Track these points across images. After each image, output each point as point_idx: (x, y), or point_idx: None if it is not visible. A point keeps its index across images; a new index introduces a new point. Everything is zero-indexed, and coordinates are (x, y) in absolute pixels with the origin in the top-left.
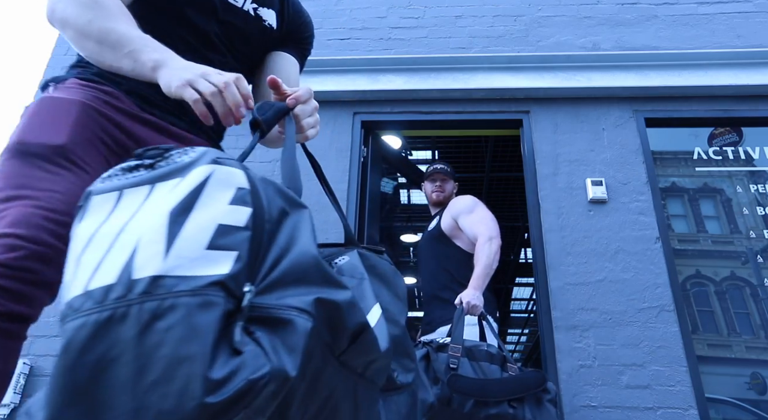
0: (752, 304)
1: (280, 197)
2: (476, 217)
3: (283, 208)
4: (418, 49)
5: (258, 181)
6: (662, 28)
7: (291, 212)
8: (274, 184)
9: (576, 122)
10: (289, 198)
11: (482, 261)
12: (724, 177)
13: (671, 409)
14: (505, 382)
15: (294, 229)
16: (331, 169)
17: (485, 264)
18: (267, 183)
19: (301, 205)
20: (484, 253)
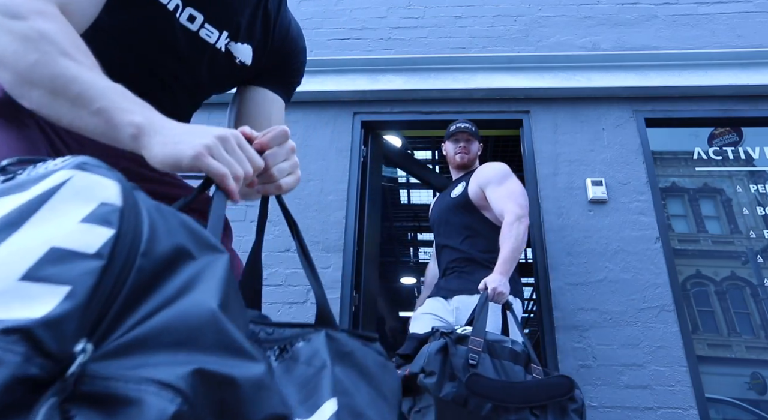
0: (752, 304)
1: (185, 233)
2: (505, 191)
3: (183, 247)
4: (418, 49)
5: (143, 202)
6: (662, 28)
7: (198, 256)
8: (182, 217)
9: (576, 122)
10: (200, 238)
11: (509, 243)
12: (725, 177)
13: (671, 409)
14: (529, 387)
15: (195, 277)
16: (331, 169)
17: (513, 247)
18: (167, 212)
19: (215, 250)
20: (512, 234)
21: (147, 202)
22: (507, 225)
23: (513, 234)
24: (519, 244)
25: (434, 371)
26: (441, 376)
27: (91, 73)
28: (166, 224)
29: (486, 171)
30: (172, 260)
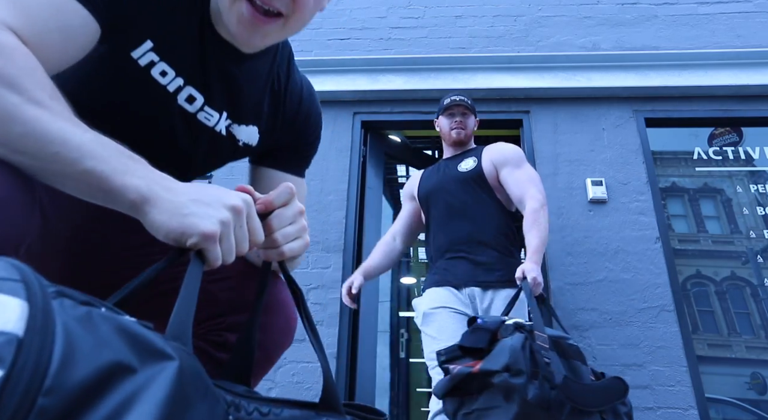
0: (752, 304)
1: (123, 342)
2: (525, 175)
3: (118, 362)
4: (418, 49)
5: (62, 317)
6: (662, 28)
7: (141, 368)
8: (119, 321)
9: (576, 122)
10: (143, 344)
11: (538, 231)
12: (725, 177)
13: (671, 409)
14: (600, 390)
15: (132, 396)
16: (331, 169)
17: (542, 235)
18: (98, 321)
19: (163, 357)
20: (540, 221)
21: (70, 313)
22: (533, 211)
23: (541, 221)
24: (546, 232)
25: (522, 370)
26: (528, 376)
27: (67, 122)
28: (95, 338)
29: (502, 150)
30: (100, 382)
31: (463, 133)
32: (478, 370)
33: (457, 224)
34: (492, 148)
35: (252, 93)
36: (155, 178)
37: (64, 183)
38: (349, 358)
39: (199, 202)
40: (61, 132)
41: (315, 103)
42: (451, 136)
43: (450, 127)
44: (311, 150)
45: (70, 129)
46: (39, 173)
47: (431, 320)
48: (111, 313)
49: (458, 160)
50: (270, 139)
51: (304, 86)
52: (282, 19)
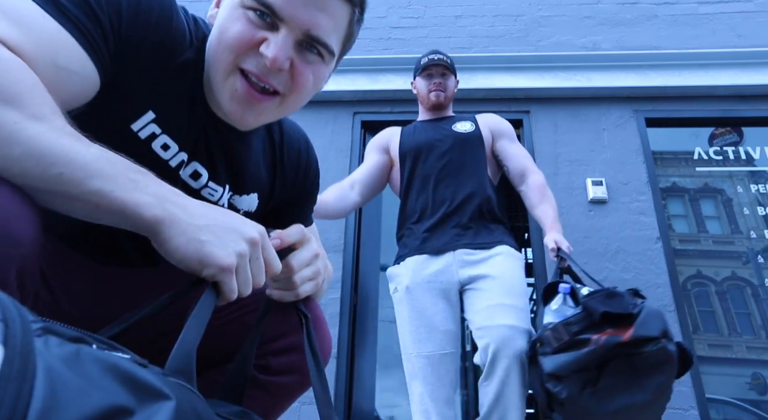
0: (753, 304)
1: (116, 383)
2: (521, 151)
3: (111, 406)
4: (418, 49)
5: (44, 359)
6: (662, 27)
7: (138, 409)
8: (111, 361)
9: (576, 122)
10: (138, 384)
11: (551, 203)
12: (725, 177)
13: (671, 409)
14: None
15: None
16: (331, 169)
17: (555, 207)
18: (87, 362)
19: (160, 396)
20: (550, 195)
21: (55, 353)
22: (541, 185)
23: (550, 195)
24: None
25: (671, 336)
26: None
27: (71, 138)
28: (82, 381)
29: (499, 120)
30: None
31: (442, 96)
32: (630, 337)
33: (451, 184)
34: (487, 116)
35: (252, 163)
36: (168, 196)
37: (71, 206)
38: (349, 358)
39: (217, 229)
40: (65, 150)
41: (312, 155)
42: (429, 99)
43: (428, 89)
44: (312, 199)
45: (75, 145)
46: (43, 197)
47: (413, 298)
48: (103, 349)
49: (449, 122)
50: (270, 202)
51: (300, 139)
52: (278, 98)
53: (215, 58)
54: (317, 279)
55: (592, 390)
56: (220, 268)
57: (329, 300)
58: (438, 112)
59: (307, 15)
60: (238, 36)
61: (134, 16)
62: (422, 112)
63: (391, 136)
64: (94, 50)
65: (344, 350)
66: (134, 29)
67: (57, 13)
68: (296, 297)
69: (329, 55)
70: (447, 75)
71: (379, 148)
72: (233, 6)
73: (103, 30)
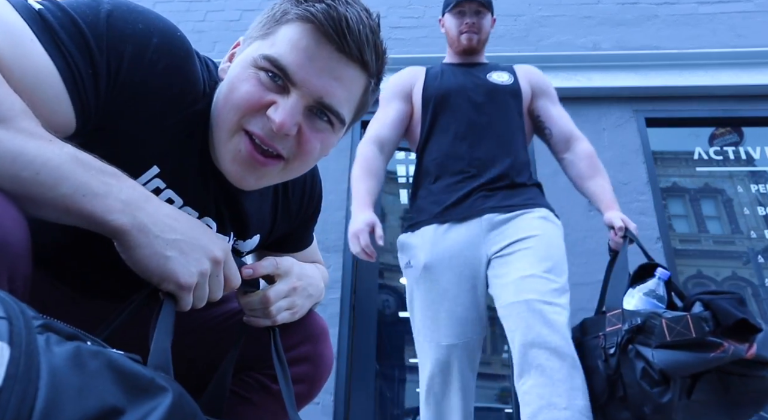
0: (753, 304)
1: (113, 381)
2: (566, 114)
3: (105, 407)
4: (418, 49)
5: (48, 358)
6: (663, 27)
7: (129, 408)
8: (110, 357)
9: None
10: (133, 382)
11: (607, 177)
12: (725, 177)
13: None
14: None
15: None
16: (331, 169)
17: (609, 181)
18: (87, 359)
19: (156, 391)
20: (601, 167)
21: (56, 351)
22: (592, 154)
23: (603, 167)
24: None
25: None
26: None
27: (42, 140)
28: (83, 380)
29: (541, 76)
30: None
31: (476, 39)
32: (754, 355)
33: (481, 140)
34: (529, 69)
35: (258, 211)
36: (140, 203)
37: (42, 210)
38: (349, 358)
39: (184, 245)
40: (41, 151)
41: (317, 179)
42: (460, 41)
43: (459, 29)
44: (314, 220)
45: (48, 146)
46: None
47: (432, 278)
48: (99, 347)
49: (483, 70)
50: (271, 236)
51: (307, 181)
52: (282, 163)
53: (220, 116)
54: (293, 309)
55: (686, 402)
56: (179, 286)
57: (329, 300)
58: (470, 57)
59: (320, 82)
60: (246, 97)
61: (138, 61)
62: (450, 55)
63: (414, 77)
64: (76, 88)
65: (344, 350)
66: (136, 74)
67: (48, 41)
68: (273, 323)
69: (339, 124)
70: (482, 13)
71: (402, 94)
72: (245, 64)
73: (96, 69)
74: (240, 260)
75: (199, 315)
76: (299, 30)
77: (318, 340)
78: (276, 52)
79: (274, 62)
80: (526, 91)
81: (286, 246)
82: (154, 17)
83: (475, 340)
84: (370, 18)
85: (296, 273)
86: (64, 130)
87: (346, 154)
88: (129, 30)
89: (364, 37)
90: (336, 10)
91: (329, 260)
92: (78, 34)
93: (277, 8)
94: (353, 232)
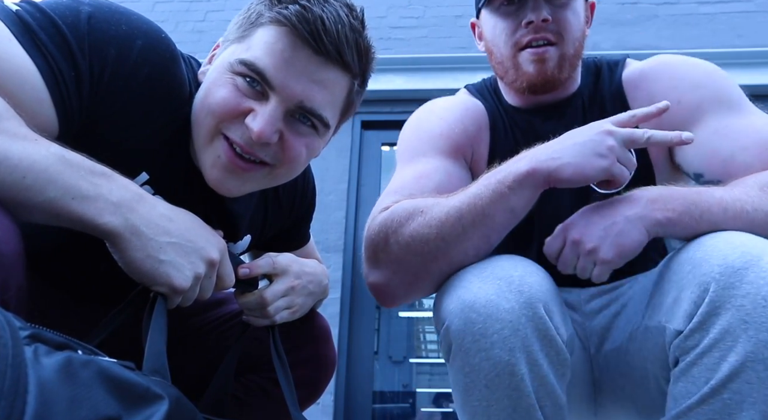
0: None
1: (106, 391)
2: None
3: (98, 418)
4: (418, 49)
5: (37, 373)
6: (663, 27)
7: (125, 417)
8: (102, 366)
9: None
10: (129, 391)
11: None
12: None
13: None
14: None
15: None
16: (331, 169)
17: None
18: (77, 370)
19: (152, 399)
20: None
21: (45, 363)
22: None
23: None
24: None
25: None
26: None
27: (26, 141)
28: (74, 391)
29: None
30: None
31: (552, 65)
32: None
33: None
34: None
35: (247, 213)
36: (132, 204)
37: (32, 214)
38: (349, 358)
39: (179, 248)
40: (27, 152)
41: (309, 176)
42: (523, 72)
43: (515, 40)
44: (309, 218)
45: (34, 148)
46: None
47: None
48: (90, 355)
49: (576, 114)
50: (263, 236)
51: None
52: (267, 168)
53: (198, 120)
54: (293, 308)
55: None
56: (173, 289)
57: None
58: (547, 93)
59: (299, 86)
60: (223, 103)
61: (122, 64)
62: (509, 91)
63: (473, 130)
64: (58, 90)
65: (344, 350)
66: (120, 77)
67: (28, 43)
68: (272, 323)
69: (324, 128)
70: (564, 5)
71: (451, 149)
72: (222, 69)
73: (78, 72)
74: (237, 259)
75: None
76: (274, 33)
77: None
78: (252, 55)
79: (251, 66)
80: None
81: (282, 244)
82: (137, 19)
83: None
84: (351, 16)
85: (294, 271)
86: (46, 133)
87: (346, 154)
88: (112, 32)
89: (343, 37)
90: (311, 11)
91: (329, 260)
92: (58, 35)
93: (253, 9)
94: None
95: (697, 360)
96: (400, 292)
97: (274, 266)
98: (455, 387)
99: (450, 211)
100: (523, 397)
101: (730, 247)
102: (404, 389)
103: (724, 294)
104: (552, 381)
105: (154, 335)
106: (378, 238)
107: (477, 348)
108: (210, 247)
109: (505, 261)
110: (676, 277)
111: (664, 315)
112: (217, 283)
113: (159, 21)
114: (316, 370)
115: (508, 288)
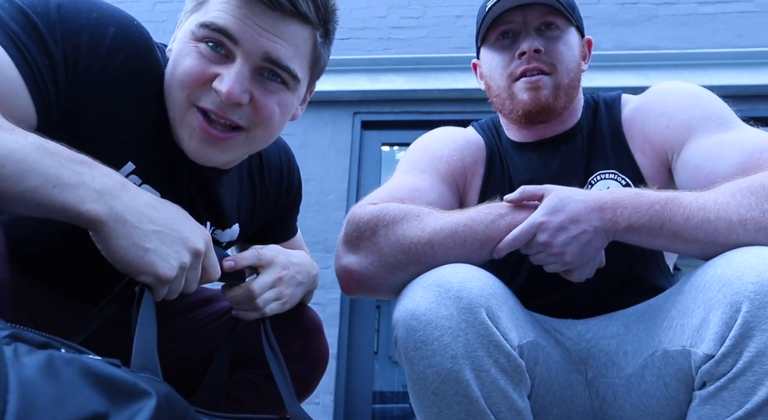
0: None
1: (93, 387)
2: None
3: (89, 414)
4: (418, 49)
5: (18, 373)
6: (663, 27)
7: (113, 412)
8: (86, 364)
9: None
10: (115, 387)
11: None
12: None
13: None
14: None
15: None
16: (331, 169)
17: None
18: (60, 367)
19: (139, 395)
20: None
21: (26, 362)
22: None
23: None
24: None
25: None
26: None
27: (3, 131)
28: (57, 389)
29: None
30: None
31: (547, 93)
32: None
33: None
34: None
35: (232, 197)
36: (115, 191)
37: (13, 205)
38: (348, 358)
39: (164, 236)
40: (1, 143)
41: (294, 166)
42: (518, 100)
43: (510, 72)
44: (296, 209)
45: (11, 137)
46: None
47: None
48: (73, 353)
49: (577, 153)
50: (252, 226)
51: (281, 154)
52: (243, 133)
53: (170, 96)
54: (282, 299)
55: None
56: (158, 279)
57: (329, 300)
58: (543, 124)
59: (261, 40)
60: (189, 71)
61: (95, 51)
62: (509, 125)
63: (470, 162)
64: (34, 79)
65: (344, 350)
66: (95, 65)
67: (1, 35)
68: (262, 316)
69: (294, 82)
70: (555, 28)
71: (446, 175)
72: (185, 39)
73: (52, 61)
74: (222, 252)
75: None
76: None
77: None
78: (211, 17)
79: (211, 26)
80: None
81: (269, 236)
82: (108, 8)
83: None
84: None
85: (281, 262)
86: (25, 125)
87: (346, 154)
88: (83, 20)
89: None
90: None
91: (329, 260)
92: (29, 24)
93: None
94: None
95: (728, 384)
96: (369, 283)
97: (259, 258)
98: (410, 394)
99: (446, 225)
100: (472, 403)
101: (764, 264)
102: (404, 389)
103: (758, 314)
104: (503, 386)
105: (142, 330)
106: (366, 226)
107: (420, 356)
108: (195, 237)
109: (448, 268)
110: (703, 297)
111: (689, 338)
112: (203, 275)
113: (159, 21)
114: (308, 365)
115: (446, 294)
